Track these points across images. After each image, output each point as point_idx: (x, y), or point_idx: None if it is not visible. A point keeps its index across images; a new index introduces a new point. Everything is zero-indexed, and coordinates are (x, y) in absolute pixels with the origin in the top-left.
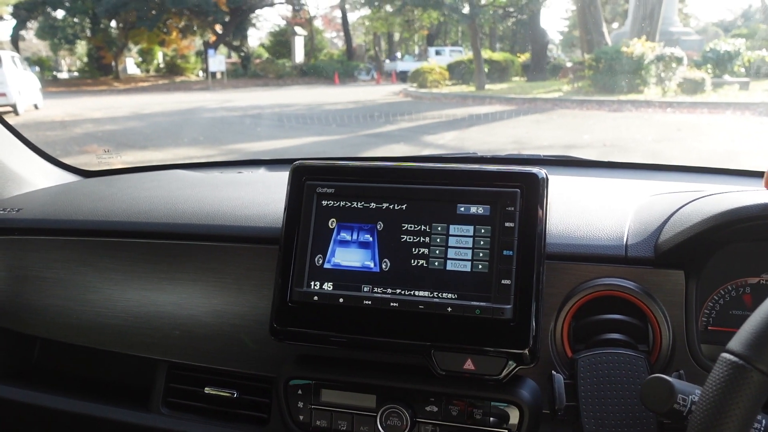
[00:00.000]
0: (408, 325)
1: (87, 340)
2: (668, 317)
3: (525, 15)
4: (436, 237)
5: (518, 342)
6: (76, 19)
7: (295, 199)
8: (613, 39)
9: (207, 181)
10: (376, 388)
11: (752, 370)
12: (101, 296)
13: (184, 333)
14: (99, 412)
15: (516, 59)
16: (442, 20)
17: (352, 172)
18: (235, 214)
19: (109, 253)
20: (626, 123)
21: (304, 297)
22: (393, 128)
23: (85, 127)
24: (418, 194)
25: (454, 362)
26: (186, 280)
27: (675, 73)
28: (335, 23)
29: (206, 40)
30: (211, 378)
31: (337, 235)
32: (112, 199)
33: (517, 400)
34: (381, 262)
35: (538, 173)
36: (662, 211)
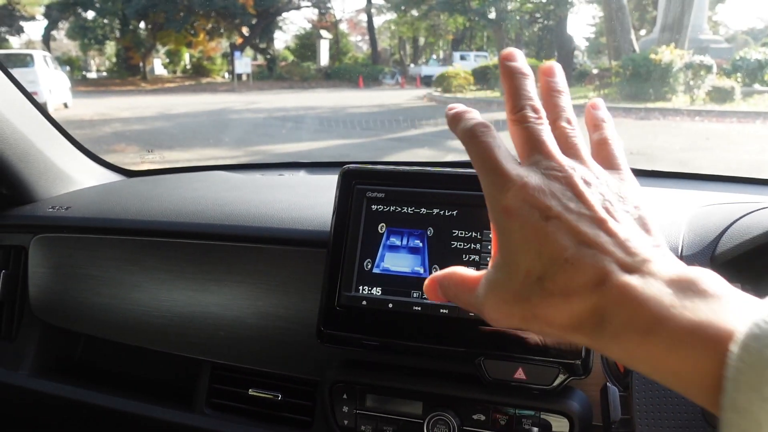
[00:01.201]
0: (458, 332)
1: (131, 338)
2: None
3: (551, 21)
4: (487, 244)
5: (571, 352)
6: (105, 20)
7: (344, 203)
8: (641, 46)
9: (249, 183)
10: (423, 395)
11: None
12: (147, 295)
13: (228, 334)
14: (142, 410)
15: (542, 65)
16: (467, 25)
17: (402, 177)
18: (281, 216)
19: (156, 252)
20: (653, 131)
21: (353, 301)
22: (417, 132)
23: (114, 127)
24: (469, 200)
25: (504, 371)
26: (232, 282)
27: (704, 82)
28: (361, 27)
29: (233, 42)
30: (255, 380)
31: (386, 240)
32: (160, 200)
33: (567, 410)
34: (431, 268)
35: None
36: (718, 222)
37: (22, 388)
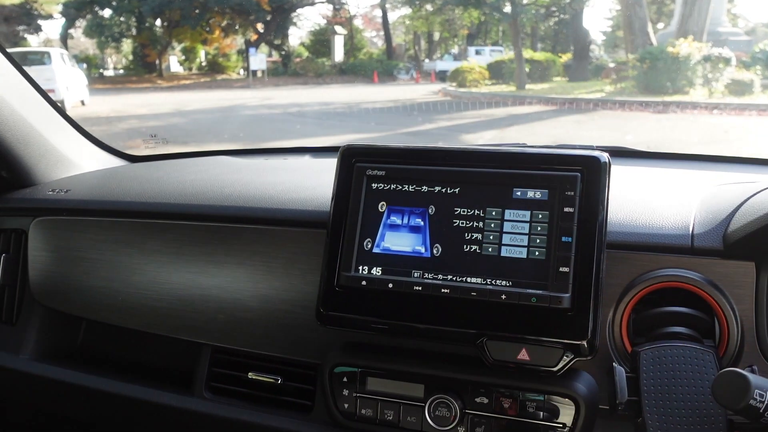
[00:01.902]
0: (460, 312)
1: (132, 322)
2: (737, 311)
3: (567, 14)
4: (490, 222)
5: (576, 332)
6: (122, 17)
7: (344, 182)
8: (659, 39)
9: (252, 166)
10: (425, 378)
11: None
12: (147, 278)
13: (228, 317)
14: (142, 394)
15: (557, 59)
16: (482, 19)
17: (403, 154)
18: (281, 198)
19: (155, 235)
20: (671, 124)
21: (352, 282)
22: (432, 127)
23: (130, 123)
24: (471, 178)
25: (507, 352)
26: (232, 264)
27: (722, 74)
28: (375, 22)
29: (248, 39)
30: (255, 363)
31: (386, 219)
32: (159, 182)
33: (573, 393)
34: (432, 247)
35: (600, 156)
36: (731, 200)
37: (24, 372)
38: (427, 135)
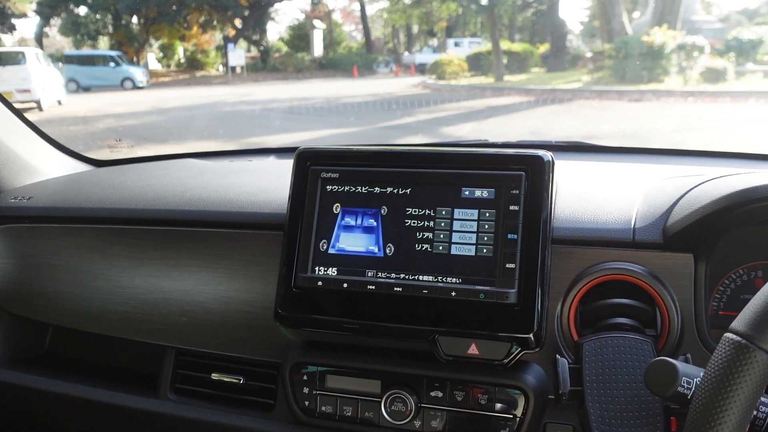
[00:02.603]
0: (412, 309)
1: (96, 326)
2: (677, 301)
3: (544, 5)
4: (440, 221)
5: (522, 326)
6: (98, 15)
7: (299, 184)
8: (634, 28)
9: (216, 169)
10: (381, 374)
11: (756, 350)
12: (110, 283)
13: (191, 319)
14: (108, 398)
15: (535, 50)
16: (460, 12)
17: (356, 156)
18: (242, 200)
19: (118, 240)
20: (647, 113)
21: (309, 282)
22: (411, 120)
23: (107, 122)
24: (422, 178)
25: (458, 347)
26: (193, 267)
27: (697, 62)
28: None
29: (226, 35)
30: (218, 364)
31: (341, 220)
32: (122, 188)
33: (521, 385)
34: (385, 247)
35: (543, 156)
36: (671, 194)
37: None
38: (406, 129)
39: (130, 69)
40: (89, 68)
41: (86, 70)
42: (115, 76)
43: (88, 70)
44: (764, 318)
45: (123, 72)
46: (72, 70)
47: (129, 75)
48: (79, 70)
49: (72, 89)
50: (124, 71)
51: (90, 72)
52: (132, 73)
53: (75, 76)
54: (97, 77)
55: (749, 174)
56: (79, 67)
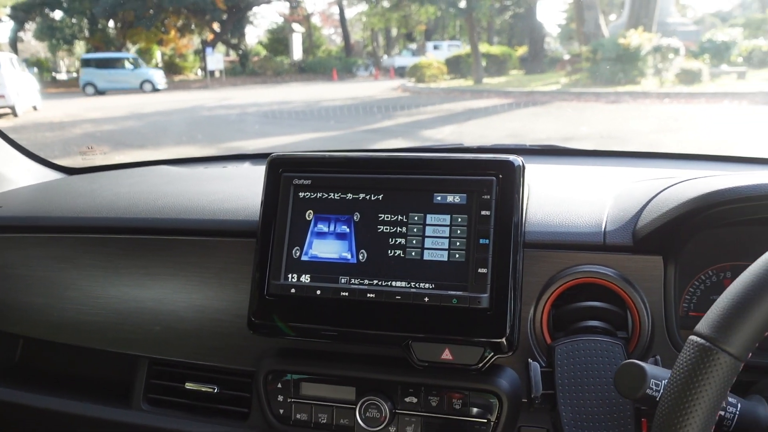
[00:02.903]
0: (385, 316)
1: (68, 337)
2: (647, 303)
3: (522, 8)
4: (412, 227)
5: (495, 331)
6: (74, 19)
7: (271, 191)
8: (611, 30)
9: (190, 176)
10: (356, 381)
11: (719, 352)
12: (81, 293)
13: (164, 328)
14: (80, 409)
15: (513, 52)
16: (439, 15)
17: (328, 163)
18: (214, 208)
19: (89, 249)
20: (624, 114)
21: (282, 290)
22: (391, 123)
23: (84, 128)
24: (394, 184)
25: (431, 352)
26: (166, 276)
27: (672, 64)
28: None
29: (204, 39)
30: (192, 373)
31: (314, 226)
32: (93, 196)
33: (495, 389)
34: (358, 253)
35: (514, 161)
36: (640, 197)
37: None
38: (386, 132)
39: (150, 71)
40: (107, 71)
41: (104, 73)
42: (134, 79)
43: (105, 73)
44: (727, 320)
45: (142, 74)
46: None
47: (148, 77)
48: (96, 73)
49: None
50: (143, 73)
51: (108, 75)
52: (151, 76)
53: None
54: (115, 80)
55: (717, 177)
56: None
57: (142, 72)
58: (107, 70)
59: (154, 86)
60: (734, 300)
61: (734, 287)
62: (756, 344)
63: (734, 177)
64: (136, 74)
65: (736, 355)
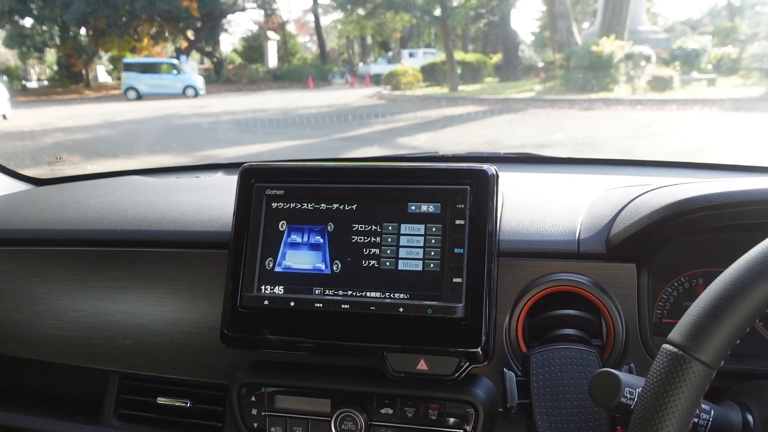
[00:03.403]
0: (360, 327)
1: (36, 353)
2: (621, 311)
3: (496, 16)
4: (387, 237)
5: (470, 340)
6: (44, 27)
7: (244, 202)
8: (583, 38)
9: (161, 186)
10: (331, 392)
11: (692, 361)
12: (50, 307)
13: (135, 342)
14: (49, 426)
15: (488, 60)
16: (414, 23)
17: (301, 173)
18: (186, 219)
19: (57, 262)
20: (597, 121)
21: (255, 302)
22: (367, 131)
23: (55, 137)
24: (368, 194)
25: (407, 363)
26: (137, 288)
27: (644, 71)
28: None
29: (178, 47)
30: (164, 387)
31: (287, 237)
32: (61, 207)
33: (471, 399)
34: (332, 264)
35: (487, 170)
36: (613, 205)
37: None
38: (362, 139)
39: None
40: (150, 76)
41: (147, 78)
42: (177, 84)
43: (148, 78)
44: (699, 329)
45: (185, 79)
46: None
47: (191, 83)
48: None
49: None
50: (186, 79)
51: (151, 80)
52: (194, 81)
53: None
54: (158, 85)
55: (688, 184)
56: (139, 75)
57: (185, 77)
58: (150, 75)
59: (196, 91)
60: (706, 308)
61: (706, 295)
62: (728, 352)
63: (705, 185)
64: (180, 79)
65: (708, 363)
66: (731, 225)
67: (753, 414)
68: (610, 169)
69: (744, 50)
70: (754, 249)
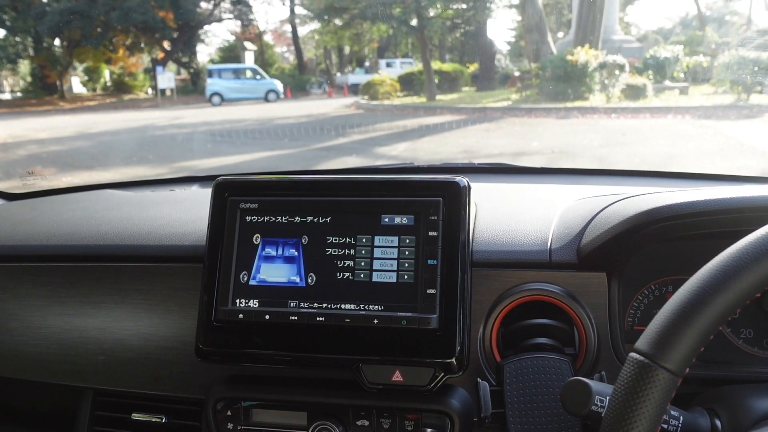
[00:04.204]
0: (335, 339)
1: (8, 370)
2: (592, 319)
3: (472, 26)
4: (361, 249)
5: (445, 351)
6: (17, 37)
7: (218, 215)
8: (559, 48)
9: (135, 200)
10: (307, 405)
11: (657, 369)
12: (21, 324)
13: (109, 358)
14: None
15: (465, 69)
16: (391, 33)
17: (274, 186)
18: (160, 233)
19: (28, 278)
20: (573, 129)
21: (230, 315)
22: (345, 141)
23: (29, 149)
24: (342, 206)
25: (382, 375)
26: (110, 303)
27: (618, 80)
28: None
29: (154, 57)
30: (139, 403)
31: (261, 250)
32: (33, 223)
33: (446, 409)
34: (307, 277)
35: (459, 182)
36: (584, 214)
37: None
38: (340, 149)
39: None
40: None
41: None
42: (260, 89)
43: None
44: (664, 337)
45: (267, 84)
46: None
47: (273, 87)
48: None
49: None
50: (269, 83)
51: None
52: (275, 85)
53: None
54: (242, 90)
55: (657, 194)
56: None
57: (267, 82)
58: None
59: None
60: (669, 317)
61: (670, 304)
62: (693, 359)
63: (674, 194)
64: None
65: (673, 370)
66: (700, 233)
67: (721, 419)
68: (583, 179)
69: (715, 59)
70: (716, 258)
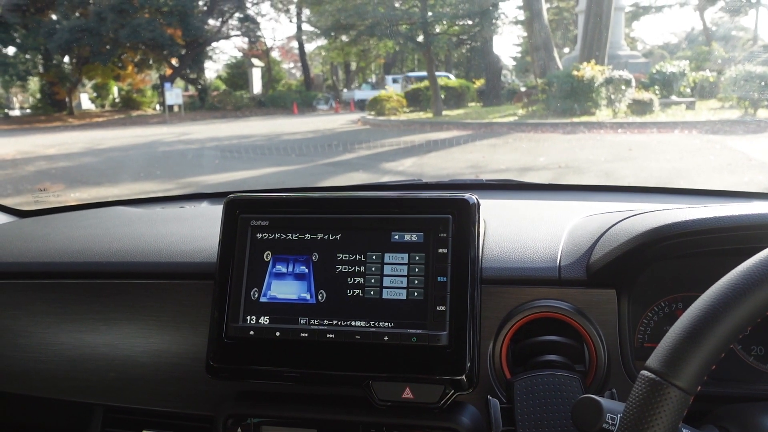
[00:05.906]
0: (345, 356)
1: (19, 387)
2: (602, 336)
3: (478, 42)
4: (371, 266)
5: (455, 368)
6: (27, 55)
7: (229, 233)
8: (564, 63)
9: (146, 217)
10: (317, 422)
11: (669, 386)
12: (33, 341)
13: (120, 375)
14: None
15: (471, 85)
16: (397, 49)
17: (285, 204)
18: (171, 250)
19: (40, 295)
20: (579, 144)
21: (240, 332)
22: (352, 156)
23: (38, 165)
24: (352, 224)
25: (392, 392)
26: (121, 320)
27: (624, 95)
28: (292, 54)
29: (162, 74)
30: (149, 420)
31: (272, 267)
32: (45, 240)
33: (456, 427)
34: (317, 294)
35: (469, 199)
36: (593, 231)
37: None
38: (347, 165)
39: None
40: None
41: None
42: None
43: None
44: (675, 355)
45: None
46: None
47: None
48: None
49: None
50: None
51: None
52: None
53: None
54: None
55: (666, 211)
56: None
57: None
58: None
59: None
60: (681, 335)
61: (681, 322)
62: (705, 377)
63: (684, 211)
64: None
65: (685, 388)
66: (710, 250)
67: None
68: (591, 195)
69: (721, 74)
70: (726, 276)
